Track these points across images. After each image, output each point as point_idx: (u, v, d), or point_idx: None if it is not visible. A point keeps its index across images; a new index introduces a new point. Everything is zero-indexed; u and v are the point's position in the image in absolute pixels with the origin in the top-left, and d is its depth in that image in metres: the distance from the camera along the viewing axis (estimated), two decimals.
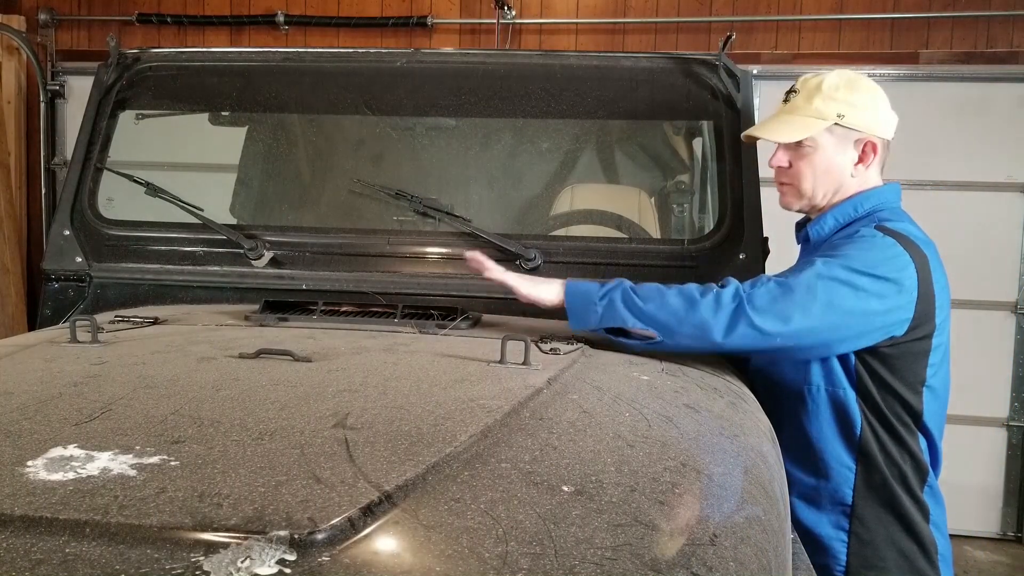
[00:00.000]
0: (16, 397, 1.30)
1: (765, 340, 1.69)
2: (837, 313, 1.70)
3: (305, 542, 0.83)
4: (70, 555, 0.81)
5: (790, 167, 1.95)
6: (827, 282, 1.69)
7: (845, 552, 1.87)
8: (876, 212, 1.89)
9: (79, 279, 2.37)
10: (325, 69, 2.54)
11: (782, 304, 1.67)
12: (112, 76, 2.51)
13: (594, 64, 2.46)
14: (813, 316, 1.68)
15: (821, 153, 1.90)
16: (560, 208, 2.49)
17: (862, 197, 1.91)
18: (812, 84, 1.93)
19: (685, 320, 1.69)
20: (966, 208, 4.86)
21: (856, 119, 1.88)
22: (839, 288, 1.69)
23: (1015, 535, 5.08)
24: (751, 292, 1.69)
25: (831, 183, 1.92)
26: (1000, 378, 5.06)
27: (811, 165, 1.91)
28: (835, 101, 1.88)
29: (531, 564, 0.84)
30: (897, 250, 1.76)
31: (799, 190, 1.95)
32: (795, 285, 1.69)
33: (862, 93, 1.90)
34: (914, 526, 1.86)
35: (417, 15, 5.49)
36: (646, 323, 1.73)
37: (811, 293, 1.67)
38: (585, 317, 1.82)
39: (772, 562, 1.05)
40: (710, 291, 1.71)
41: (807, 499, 1.91)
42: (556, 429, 1.25)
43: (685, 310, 1.69)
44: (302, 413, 1.22)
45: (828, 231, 1.93)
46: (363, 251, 2.30)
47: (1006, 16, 4.99)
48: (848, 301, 1.70)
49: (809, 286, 1.68)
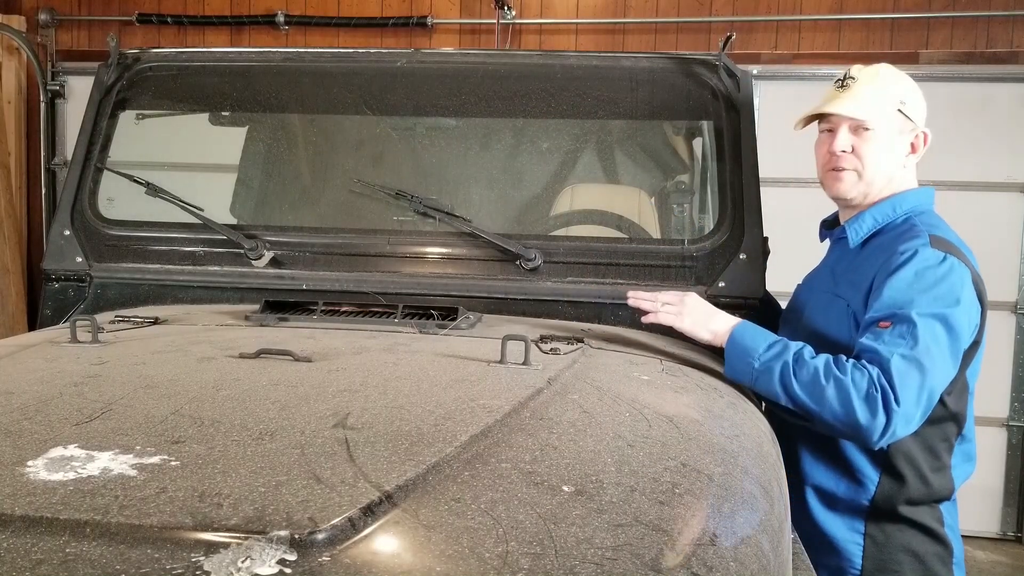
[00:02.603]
0: (16, 397, 1.30)
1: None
2: (953, 363, 1.71)
3: (305, 542, 0.83)
4: (70, 555, 0.81)
5: (852, 151, 1.91)
6: (938, 344, 1.67)
7: (860, 555, 1.86)
8: (913, 214, 1.88)
9: (79, 279, 2.37)
10: (325, 69, 2.54)
11: (924, 396, 1.66)
12: (112, 76, 2.51)
13: (594, 64, 2.46)
14: (938, 383, 1.69)
15: (884, 138, 1.88)
16: (560, 208, 2.49)
17: (900, 198, 1.90)
18: (870, 72, 1.91)
19: (840, 419, 1.67)
20: (966, 208, 4.85)
21: (912, 109, 1.88)
22: (943, 340, 1.68)
23: (1015, 535, 5.08)
24: (900, 393, 1.63)
25: (888, 170, 1.90)
26: (1000, 378, 5.06)
27: (875, 149, 1.89)
28: (897, 87, 1.88)
29: (531, 564, 0.84)
30: (957, 266, 1.74)
31: (861, 176, 1.90)
32: (922, 358, 1.65)
33: (910, 85, 1.91)
34: (930, 530, 1.85)
35: (417, 15, 5.49)
36: (797, 407, 1.73)
37: (931, 359, 1.66)
38: (739, 370, 1.80)
39: (772, 562, 1.05)
40: (863, 387, 1.65)
41: (825, 501, 1.90)
42: (556, 429, 1.25)
43: (840, 408, 1.66)
44: (302, 413, 1.22)
45: (867, 231, 1.92)
46: (363, 251, 2.30)
47: (1006, 16, 4.99)
48: (953, 346, 1.70)
49: (928, 352, 1.66)
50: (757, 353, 1.76)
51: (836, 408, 1.65)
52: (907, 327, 1.67)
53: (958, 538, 1.90)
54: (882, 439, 1.65)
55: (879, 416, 1.62)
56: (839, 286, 1.94)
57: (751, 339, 1.79)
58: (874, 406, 1.63)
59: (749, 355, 1.77)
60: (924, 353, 1.65)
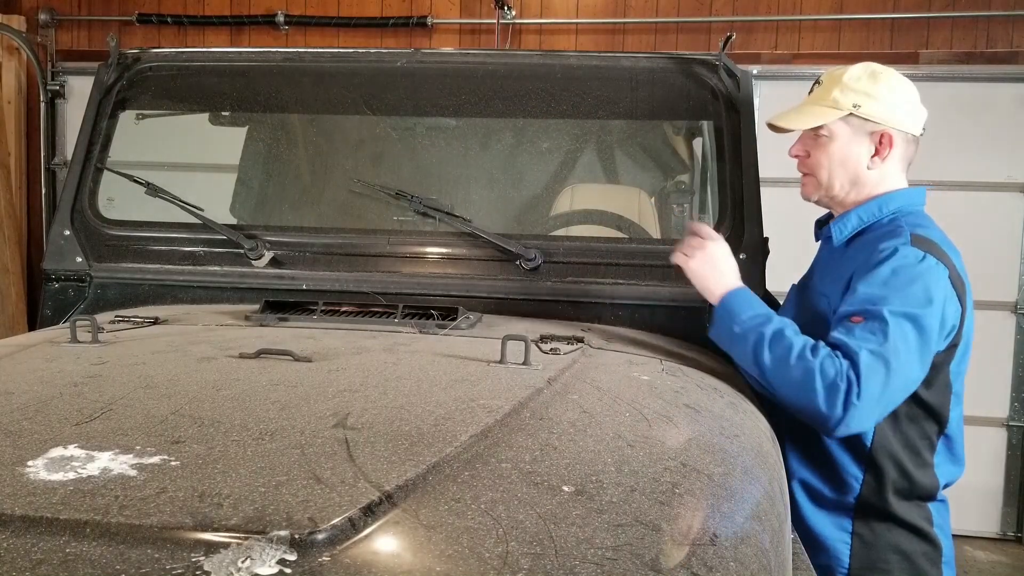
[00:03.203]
0: (16, 397, 1.30)
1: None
2: (920, 364, 1.71)
3: (305, 542, 0.83)
4: (70, 555, 0.81)
5: (808, 156, 1.94)
6: (906, 344, 1.67)
7: (848, 553, 1.86)
8: (900, 214, 1.88)
9: (79, 279, 2.37)
10: (325, 69, 2.54)
11: (887, 394, 1.67)
12: (112, 76, 2.51)
13: (594, 64, 2.46)
14: (903, 383, 1.70)
15: (837, 143, 1.89)
16: (560, 208, 2.49)
17: (887, 198, 1.90)
18: (835, 75, 1.92)
19: (798, 402, 1.70)
20: (966, 208, 4.86)
21: (872, 110, 1.86)
22: (913, 340, 1.68)
23: (1015, 535, 5.08)
24: (863, 388, 1.63)
25: (847, 174, 1.91)
26: (1000, 378, 5.06)
27: (827, 155, 1.91)
28: (853, 91, 1.87)
29: (531, 564, 0.84)
30: (934, 266, 1.74)
31: (817, 180, 1.94)
32: (889, 356, 1.65)
33: (882, 84, 1.88)
34: (919, 529, 1.85)
35: (417, 15, 5.49)
36: (763, 380, 1.76)
37: (897, 359, 1.66)
38: (721, 333, 1.86)
39: (772, 562, 1.05)
40: (830, 377, 1.66)
41: (812, 499, 1.91)
42: (556, 429, 1.25)
43: (801, 393, 1.68)
44: (302, 413, 1.22)
45: (851, 230, 1.92)
46: (363, 251, 2.30)
47: (1006, 16, 4.99)
48: (923, 348, 1.70)
49: (896, 351, 1.66)
50: (741, 318, 1.79)
51: (797, 391, 1.68)
52: (878, 324, 1.68)
53: (948, 538, 1.90)
54: (837, 430, 1.67)
55: (837, 408, 1.64)
56: (823, 283, 1.95)
57: (739, 304, 1.82)
58: (835, 397, 1.64)
59: (732, 319, 1.81)
60: (892, 352, 1.65)
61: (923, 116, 1.92)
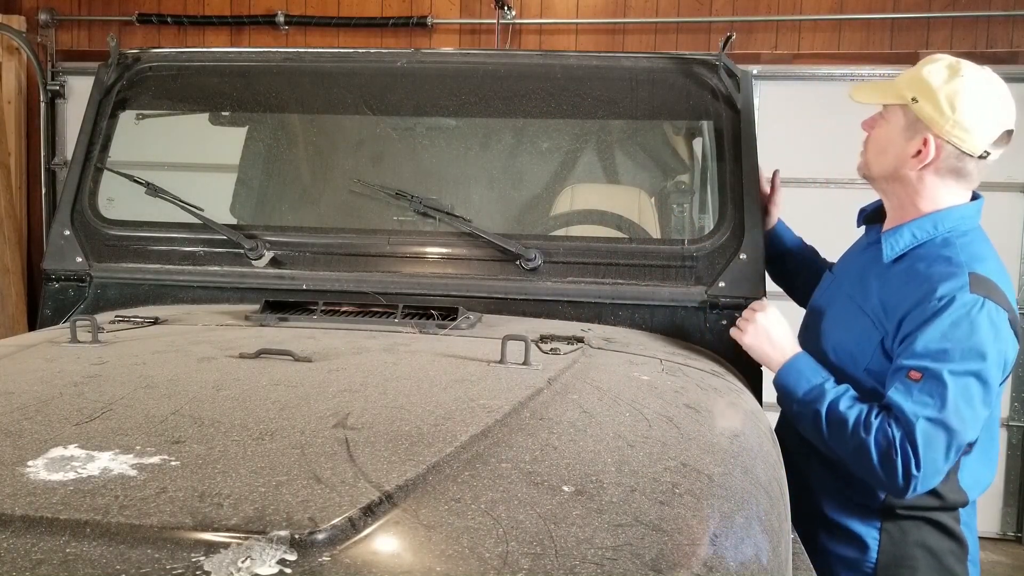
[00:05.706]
0: (16, 397, 1.30)
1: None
2: (983, 412, 1.73)
3: (305, 542, 0.83)
4: (70, 555, 0.81)
5: (870, 131, 1.93)
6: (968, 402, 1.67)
7: (876, 548, 1.86)
8: (955, 235, 1.82)
9: (79, 279, 2.37)
10: (325, 69, 2.54)
11: (952, 453, 1.68)
12: (112, 76, 2.51)
13: (594, 64, 2.46)
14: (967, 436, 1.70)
15: (886, 128, 1.86)
16: (560, 208, 2.49)
17: (943, 215, 1.82)
18: (928, 59, 1.85)
19: (864, 475, 1.74)
20: None
21: (927, 111, 1.76)
22: (975, 395, 1.68)
23: (1015, 535, 5.08)
24: (923, 457, 1.63)
25: (886, 163, 1.86)
26: None
27: (874, 136, 1.89)
28: (922, 83, 1.78)
29: (531, 564, 0.85)
30: (993, 311, 1.70)
31: (864, 157, 1.94)
32: (950, 420, 1.65)
33: (954, 85, 1.75)
34: (947, 527, 1.85)
35: (417, 15, 5.49)
36: (829, 452, 1.81)
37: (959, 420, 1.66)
38: (783, 406, 1.93)
39: (772, 562, 1.05)
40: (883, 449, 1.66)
41: (839, 497, 1.90)
42: (556, 429, 1.25)
43: (862, 468, 1.72)
44: (302, 413, 1.22)
45: (903, 248, 1.84)
46: (363, 251, 2.30)
47: (1006, 16, 4.99)
48: (985, 397, 1.70)
49: (957, 412, 1.65)
50: (797, 396, 1.83)
51: (857, 464, 1.73)
52: (937, 385, 1.66)
53: (975, 536, 1.90)
54: (905, 496, 1.70)
55: (897, 479, 1.66)
56: (867, 300, 1.87)
57: (794, 381, 1.85)
58: (892, 470, 1.66)
59: (790, 398, 1.85)
60: (952, 415, 1.65)
61: (992, 136, 1.76)
